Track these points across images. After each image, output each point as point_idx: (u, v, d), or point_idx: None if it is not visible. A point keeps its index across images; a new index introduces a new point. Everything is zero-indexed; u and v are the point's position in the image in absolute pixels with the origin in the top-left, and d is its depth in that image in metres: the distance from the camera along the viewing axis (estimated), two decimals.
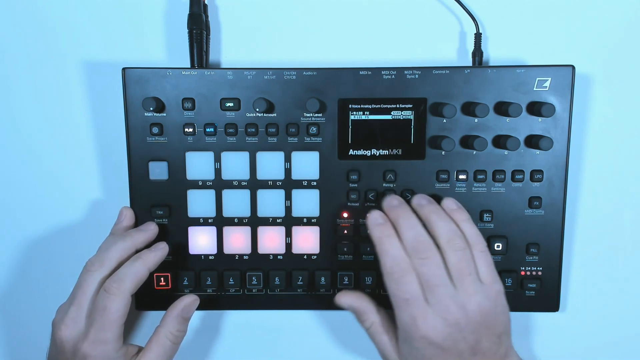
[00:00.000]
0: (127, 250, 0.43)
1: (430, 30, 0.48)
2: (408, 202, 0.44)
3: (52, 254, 0.51)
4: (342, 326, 0.52)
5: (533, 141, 0.45)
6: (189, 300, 0.45)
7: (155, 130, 0.45)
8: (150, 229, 0.45)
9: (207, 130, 0.45)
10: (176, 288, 0.48)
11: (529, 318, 0.51)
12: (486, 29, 0.48)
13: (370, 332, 0.45)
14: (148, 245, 0.45)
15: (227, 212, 0.47)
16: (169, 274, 0.48)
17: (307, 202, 0.47)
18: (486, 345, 0.40)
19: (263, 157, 0.46)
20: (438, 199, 0.45)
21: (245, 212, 0.47)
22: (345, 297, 0.45)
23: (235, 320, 0.52)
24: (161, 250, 0.44)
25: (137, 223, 0.47)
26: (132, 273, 0.42)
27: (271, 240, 0.47)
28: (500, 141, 0.45)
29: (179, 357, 0.52)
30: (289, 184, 0.47)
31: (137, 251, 0.44)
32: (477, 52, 0.46)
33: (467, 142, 0.45)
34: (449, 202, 0.44)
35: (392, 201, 0.44)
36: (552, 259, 0.47)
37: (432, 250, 0.40)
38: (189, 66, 0.46)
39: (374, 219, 0.43)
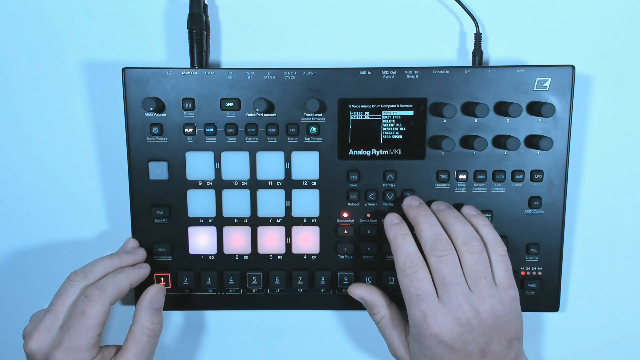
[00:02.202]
0: (112, 267, 0.43)
1: (430, 30, 0.48)
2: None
3: (50, 254, 0.51)
4: (342, 326, 0.52)
5: (533, 141, 0.45)
6: (154, 289, 0.43)
7: (155, 130, 0.45)
8: (139, 253, 0.46)
9: (207, 130, 0.45)
10: (176, 288, 0.48)
11: (529, 318, 0.51)
12: (486, 29, 0.48)
13: (380, 325, 0.45)
14: None
15: (227, 212, 0.47)
16: (169, 274, 0.48)
17: (307, 202, 0.47)
18: (496, 348, 0.40)
19: (263, 157, 0.46)
20: (455, 206, 0.46)
21: (245, 212, 0.47)
22: (358, 289, 0.46)
23: (235, 320, 0.51)
24: (144, 268, 0.45)
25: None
26: (114, 282, 0.41)
27: (271, 240, 0.47)
28: (500, 141, 0.45)
29: (180, 357, 0.52)
30: (289, 184, 0.47)
31: None
32: (477, 52, 0.46)
33: (467, 142, 0.45)
34: (468, 209, 0.45)
35: (412, 201, 0.45)
36: (552, 259, 0.47)
37: (450, 248, 0.41)
38: (189, 66, 0.46)
39: (389, 220, 0.44)
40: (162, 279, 0.47)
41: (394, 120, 0.45)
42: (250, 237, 0.47)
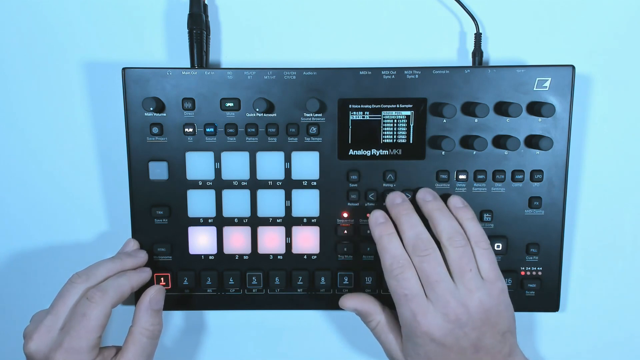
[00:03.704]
0: (114, 270, 0.43)
1: (430, 30, 0.48)
2: (413, 197, 0.45)
3: (50, 254, 0.51)
4: (342, 326, 0.52)
5: (533, 141, 0.45)
6: (154, 291, 0.43)
7: (155, 130, 0.45)
8: (140, 256, 0.46)
9: (207, 130, 0.45)
10: (176, 288, 0.48)
11: (529, 318, 0.51)
12: (486, 29, 0.48)
13: (376, 331, 0.45)
14: None
15: (227, 212, 0.47)
16: (169, 274, 0.48)
17: (307, 202, 0.47)
18: (489, 342, 0.40)
19: (263, 157, 0.46)
20: (445, 197, 0.45)
21: (245, 212, 0.47)
22: (349, 301, 0.45)
23: (235, 320, 0.52)
24: (146, 272, 0.45)
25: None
26: (116, 286, 0.42)
27: (271, 240, 0.47)
28: (500, 141, 0.45)
29: (180, 358, 0.52)
30: (289, 184, 0.47)
31: None
32: (477, 52, 0.46)
33: (467, 142, 0.45)
34: (455, 200, 0.44)
35: (394, 199, 0.45)
36: (552, 259, 0.47)
37: (431, 247, 0.41)
38: (189, 66, 0.46)
39: (375, 218, 0.44)
40: (162, 279, 0.47)
41: (394, 120, 0.45)
42: (250, 237, 0.47)
